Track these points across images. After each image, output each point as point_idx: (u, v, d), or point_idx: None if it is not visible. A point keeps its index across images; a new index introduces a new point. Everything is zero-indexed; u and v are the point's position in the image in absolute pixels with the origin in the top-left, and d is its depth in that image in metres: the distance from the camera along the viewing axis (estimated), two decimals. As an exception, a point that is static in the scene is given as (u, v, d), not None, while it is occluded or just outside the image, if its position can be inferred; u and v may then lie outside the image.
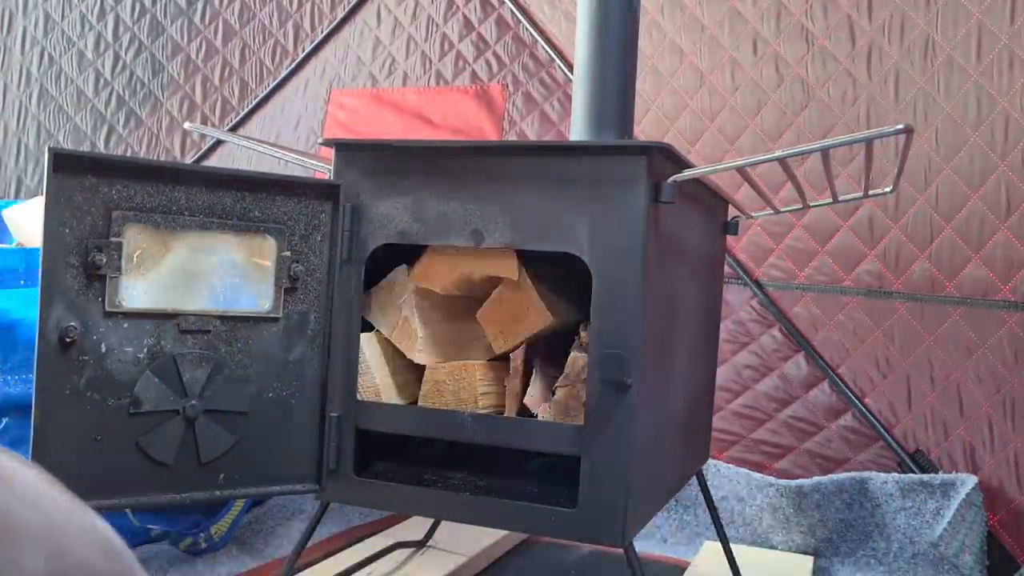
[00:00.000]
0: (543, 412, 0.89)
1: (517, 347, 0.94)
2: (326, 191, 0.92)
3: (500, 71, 1.90)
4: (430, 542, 1.39)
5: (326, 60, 2.06)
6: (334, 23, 2.06)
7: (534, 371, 0.93)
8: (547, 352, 0.97)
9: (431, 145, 0.93)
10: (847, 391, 1.56)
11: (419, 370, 0.96)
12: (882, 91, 1.55)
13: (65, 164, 0.77)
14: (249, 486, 0.88)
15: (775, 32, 1.63)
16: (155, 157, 2.19)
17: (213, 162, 2.11)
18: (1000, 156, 1.47)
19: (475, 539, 1.39)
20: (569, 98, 1.76)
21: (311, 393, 0.91)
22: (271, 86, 2.11)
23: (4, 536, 0.12)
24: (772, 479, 1.53)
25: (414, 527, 1.45)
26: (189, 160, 2.15)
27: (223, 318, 0.85)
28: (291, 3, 2.11)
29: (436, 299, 0.98)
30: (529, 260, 0.92)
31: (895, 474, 1.48)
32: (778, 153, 0.80)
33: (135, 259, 0.80)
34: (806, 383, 1.60)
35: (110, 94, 2.27)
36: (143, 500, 0.82)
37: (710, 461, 1.58)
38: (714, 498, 1.52)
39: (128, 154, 2.22)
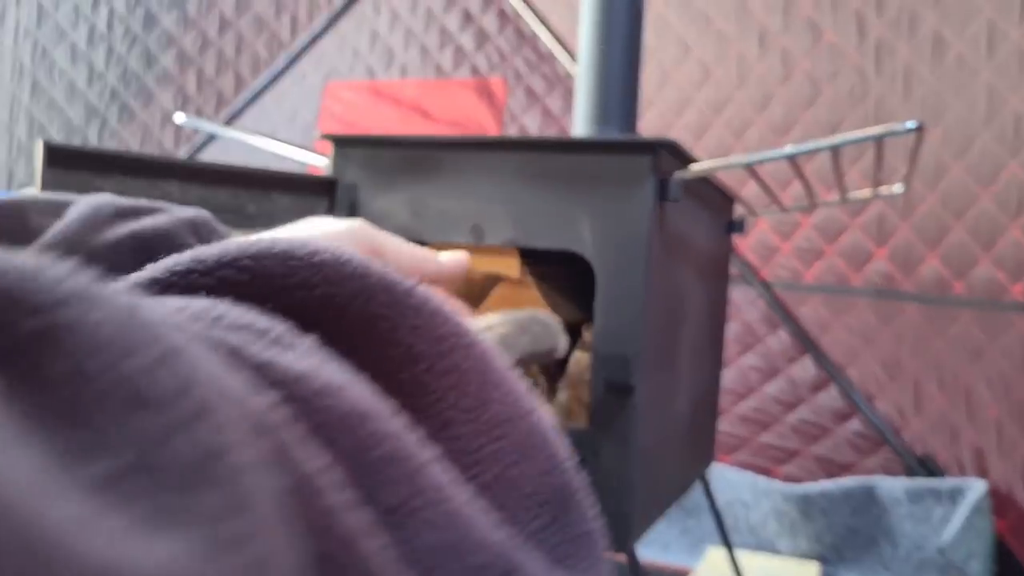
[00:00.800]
0: (544, 416, 0.86)
1: (517, 349, 0.91)
2: (322, 187, 0.89)
3: (501, 64, 1.87)
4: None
5: (323, 52, 2.03)
6: (331, 14, 2.03)
7: (535, 372, 0.90)
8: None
9: (430, 140, 0.90)
10: (855, 394, 1.54)
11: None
12: (891, 87, 1.53)
13: (58, 158, 0.75)
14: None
15: (783, 26, 1.60)
16: (149, 151, 2.17)
17: (208, 156, 2.08)
18: (1011, 154, 1.44)
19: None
20: (571, 92, 1.73)
21: (304, 395, 0.88)
22: (267, 78, 2.08)
23: None
24: (778, 484, 1.51)
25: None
26: (184, 154, 2.12)
27: (213, 317, 0.82)
28: (289, -5, 2.08)
29: (434, 298, 0.95)
30: (530, 258, 0.90)
31: (903, 479, 1.46)
32: (788, 150, 0.77)
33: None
34: (813, 386, 1.57)
35: (103, 87, 2.24)
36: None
37: (715, 465, 1.56)
38: (719, 503, 1.49)
39: (121, 148, 2.19)
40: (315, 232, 0.32)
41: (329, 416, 0.15)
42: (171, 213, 0.29)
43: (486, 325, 0.51)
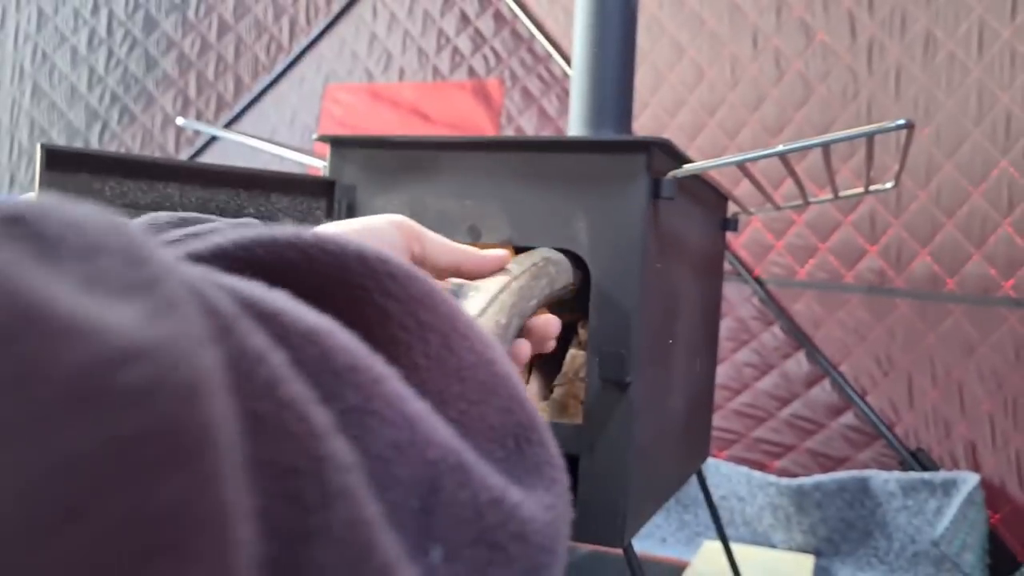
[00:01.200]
0: (541, 411, 0.88)
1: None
2: (321, 188, 0.90)
3: (498, 66, 1.88)
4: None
5: (321, 55, 2.05)
6: (330, 17, 2.04)
7: (531, 369, 0.91)
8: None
9: (427, 140, 0.92)
10: (848, 389, 1.55)
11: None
12: (883, 86, 1.54)
13: (57, 160, 0.76)
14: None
15: (775, 27, 1.62)
16: (149, 153, 2.18)
17: (208, 158, 2.09)
18: (1001, 152, 1.46)
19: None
20: (567, 93, 1.74)
21: (306, 392, 0.89)
22: (266, 82, 2.09)
23: None
24: (773, 478, 1.52)
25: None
26: (184, 156, 2.13)
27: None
28: (287, -2, 2.09)
29: (432, 297, 0.96)
30: (527, 257, 0.91)
31: (896, 472, 1.47)
32: (779, 148, 0.79)
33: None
34: (807, 381, 1.59)
35: (103, 90, 2.26)
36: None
37: (710, 460, 1.57)
38: (714, 497, 1.51)
39: (122, 150, 2.20)
40: (362, 225, 0.37)
41: (289, 328, 0.18)
42: (224, 221, 0.33)
43: (504, 278, 0.53)
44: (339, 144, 0.92)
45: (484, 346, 0.24)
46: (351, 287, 0.22)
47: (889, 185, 1.06)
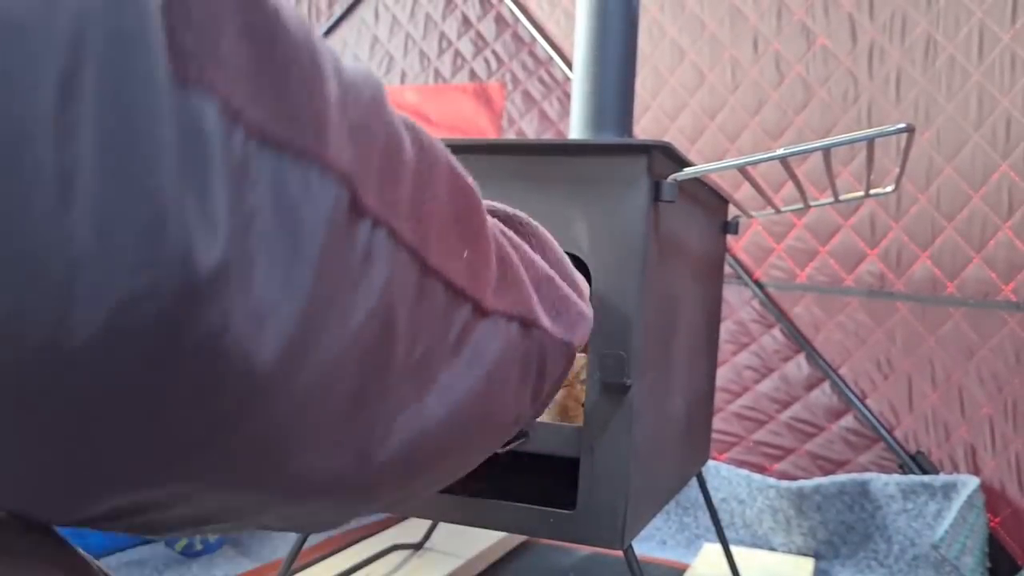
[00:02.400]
0: (543, 414, 0.88)
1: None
2: (322, 189, 0.90)
3: (499, 69, 1.89)
4: (427, 544, 1.38)
5: (324, 58, 2.05)
6: (331, 20, 2.05)
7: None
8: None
9: (429, 143, 0.92)
10: (848, 392, 1.55)
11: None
12: (883, 90, 1.55)
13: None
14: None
15: (776, 30, 1.62)
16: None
17: (210, 161, 2.09)
18: (1002, 156, 1.46)
19: (473, 541, 1.38)
20: (568, 96, 1.75)
21: (307, 394, 0.89)
22: (268, 84, 2.10)
23: None
24: (772, 481, 1.52)
25: (411, 529, 1.44)
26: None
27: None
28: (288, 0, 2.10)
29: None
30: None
31: (896, 476, 1.47)
32: (780, 152, 0.79)
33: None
34: (807, 384, 1.59)
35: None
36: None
37: (710, 463, 1.57)
38: (714, 500, 1.51)
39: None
40: None
41: (531, 229, 0.53)
42: None
43: None
44: (341, 147, 0.92)
45: (563, 257, 0.54)
46: (518, 226, 0.52)
47: (889, 189, 1.07)
